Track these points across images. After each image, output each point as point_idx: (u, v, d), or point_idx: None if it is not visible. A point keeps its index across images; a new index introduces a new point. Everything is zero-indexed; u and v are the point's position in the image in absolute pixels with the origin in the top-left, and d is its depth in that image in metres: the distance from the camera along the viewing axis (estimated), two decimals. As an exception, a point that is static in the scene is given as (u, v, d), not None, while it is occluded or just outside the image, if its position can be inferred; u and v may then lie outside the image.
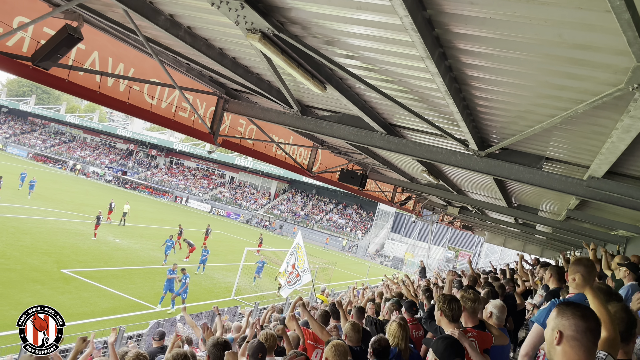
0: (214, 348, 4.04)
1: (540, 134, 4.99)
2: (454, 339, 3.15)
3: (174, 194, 64.04)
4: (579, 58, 3.09)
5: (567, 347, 2.01)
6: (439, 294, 5.19)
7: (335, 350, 3.56)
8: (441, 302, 3.97)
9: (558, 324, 2.06)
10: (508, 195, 11.29)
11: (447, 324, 3.90)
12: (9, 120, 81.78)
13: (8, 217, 24.19)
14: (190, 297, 18.63)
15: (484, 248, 56.01)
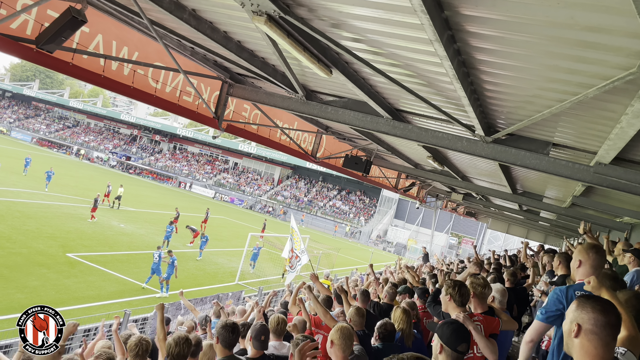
0: (223, 330, 4.06)
1: (547, 119, 4.94)
2: (460, 324, 3.12)
3: (178, 179, 64.18)
4: (591, 41, 3.03)
5: (584, 341, 1.99)
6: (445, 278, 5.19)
7: (341, 333, 3.55)
8: (451, 287, 3.97)
9: (577, 317, 2.04)
10: (513, 181, 11.24)
11: (454, 309, 3.91)
12: (13, 104, 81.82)
13: (13, 202, 24.31)
14: (194, 281, 18.79)
15: (487, 235, 56.10)
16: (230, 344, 4.10)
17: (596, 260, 3.28)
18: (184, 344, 3.98)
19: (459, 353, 2.85)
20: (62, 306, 12.79)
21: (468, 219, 44.86)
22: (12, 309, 11.88)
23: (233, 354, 4.16)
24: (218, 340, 4.05)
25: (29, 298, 12.87)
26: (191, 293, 16.33)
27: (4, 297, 12.47)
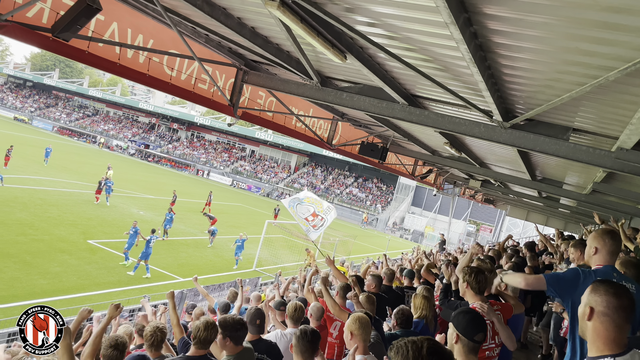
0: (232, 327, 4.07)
1: (567, 104, 4.83)
2: (476, 313, 3.06)
3: (196, 167, 64.70)
4: (612, 22, 2.94)
5: (597, 323, 2.03)
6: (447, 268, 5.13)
7: (360, 324, 3.53)
8: (467, 274, 3.93)
9: (590, 300, 2.08)
10: (532, 167, 11.07)
11: (472, 296, 3.87)
12: (34, 94, 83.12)
13: (35, 190, 24.79)
14: (212, 268, 19.01)
15: (505, 222, 55.52)
16: (239, 339, 4.06)
17: (613, 245, 3.21)
18: (212, 329, 4.01)
19: (476, 343, 2.80)
20: (83, 292, 13.09)
21: (486, 206, 44.44)
22: (36, 294, 12.18)
23: (243, 347, 4.14)
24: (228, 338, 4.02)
25: (51, 284, 13.17)
26: (209, 279, 16.54)
27: (27, 283, 12.78)
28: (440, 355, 1.58)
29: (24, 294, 12.01)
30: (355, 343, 3.48)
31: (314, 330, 3.71)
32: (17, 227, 17.32)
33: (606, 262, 3.20)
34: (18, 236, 16.36)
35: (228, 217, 32.40)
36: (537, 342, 8.61)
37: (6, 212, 19.01)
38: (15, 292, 12.03)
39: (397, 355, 1.60)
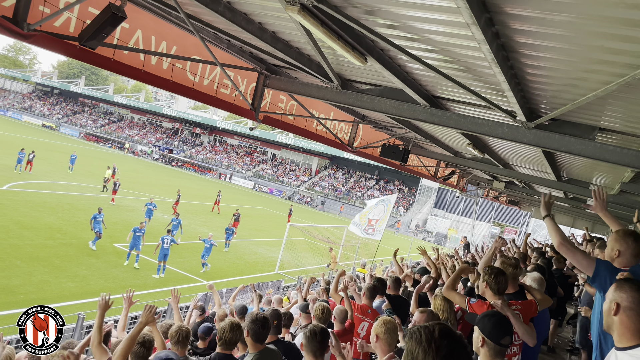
0: (253, 324, 4.04)
1: (593, 103, 4.74)
2: (502, 316, 3.03)
3: (218, 171, 65.36)
4: (637, 19, 2.88)
5: (623, 317, 2.21)
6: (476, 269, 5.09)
7: (385, 327, 3.54)
8: (487, 275, 3.89)
9: (616, 297, 2.27)
10: (558, 168, 10.88)
11: (491, 297, 3.83)
12: (61, 101, 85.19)
13: (63, 195, 25.38)
14: (235, 270, 19.16)
15: (531, 223, 54.52)
16: (262, 338, 4.07)
17: (636, 248, 3.17)
18: (236, 330, 4.05)
19: (502, 346, 2.77)
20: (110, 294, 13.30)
21: (511, 208, 43.75)
22: (64, 297, 12.46)
23: (265, 346, 4.15)
24: (248, 334, 4.04)
25: (79, 287, 13.46)
26: (232, 282, 16.67)
27: (56, 286, 13.08)
28: (451, 337, 1.65)
29: (53, 296, 12.30)
30: (380, 346, 3.48)
31: (323, 329, 3.72)
32: (46, 232, 17.76)
33: (630, 265, 3.16)
34: (47, 240, 16.77)
35: (250, 221, 32.62)
36: (565, 345, 8.45)
37: (35, 217, 19.51)
38: (45, 295, 12.32)
39: (411, 340, 1.68)
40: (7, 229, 16.74)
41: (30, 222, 18.41)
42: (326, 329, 3.74)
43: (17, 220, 18.17)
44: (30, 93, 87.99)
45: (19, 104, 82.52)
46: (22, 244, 15.60)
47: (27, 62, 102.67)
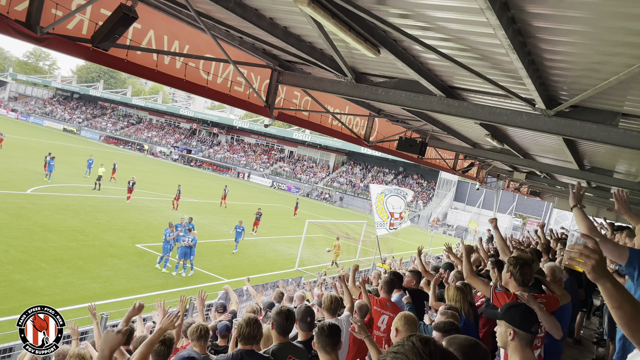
0: (277, 316, 4.09)
1: (615, 88, 4.58)
2: (524, 304, 2.98)
3: (236, 170, 65.77)
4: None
5: None
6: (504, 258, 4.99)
7: (405, 321, 3.53)
8: (512, 265, 3.81)
9: None
10: (580, 157, 10.63)
11: (514, 287, 3.75)
12: (81, 105, 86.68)
13: (85, 197, 25.80)
14: (256, 268, 19.24)
15: (553, 214, 53.68)
16: (285, 330, 4.12)
17: None
18: (254, 325, 4.06)
19: (533, 334, 2.76)
20: (133, 294, 13.50)
21: (532, 199, 43.08)
22: (88, 298, 12.63)
23: (289, 340, 4.18)
24: (273, 327, 4.08)
25: (102, 287, 13.66)
26: (252, 280, 16.71)
27: (80, 287, 13.30)
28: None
29: (78, 297, 12.50)
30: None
31: (332, 325, 3.70)
32: (69, 234, 18.07)
33: None
34: (70, 242, 17.06)
35: (270, 219, 32.74)
36: (592, 338, 8.27)
37: (59, 219, 19.87)
38: (70, 296, 12.54)
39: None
40: (31, 232, 17.08)
41: (54, 225, 18.76)
42: (335, 324, 3.71)
43: (41, 223, 18.52)
44: (51, 98, 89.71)
45: (40, 109, 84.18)
46: (46, 247, 15.91)
47: (47, 67, 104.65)
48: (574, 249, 1.98)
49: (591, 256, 1.92)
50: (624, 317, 1.87)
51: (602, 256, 1.95)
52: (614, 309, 1.90)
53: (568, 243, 2.08)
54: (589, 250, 1.94)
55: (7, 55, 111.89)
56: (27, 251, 15.04)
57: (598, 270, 1.91)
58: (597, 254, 1.93)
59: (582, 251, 1.94)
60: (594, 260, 1.92)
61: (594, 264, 1.91)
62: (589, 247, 1.95)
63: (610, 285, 1.90)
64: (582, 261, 1.94)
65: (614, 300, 1.90)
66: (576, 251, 1.96)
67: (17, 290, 12.08)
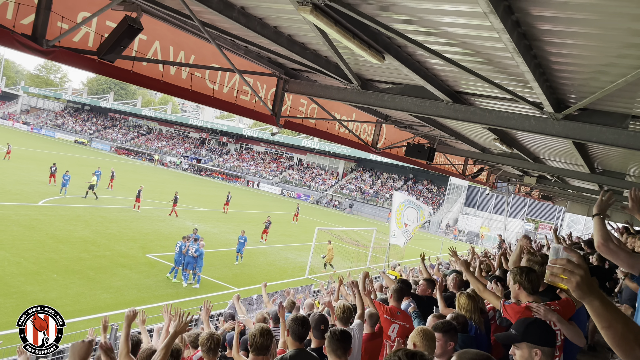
0: (293, 322, 4.08)
1: (624, 90, 4.52)
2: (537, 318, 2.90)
3: (246, 178, 65.95)
4: (669, -4, 2.72)
5: None
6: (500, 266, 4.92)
7: (423, 335, 3.48)
8: (518, 275, 3.74)
9: None
10: (590, 160, 10.51)
11: (526, 297, 3.68)
12: (92, 117, 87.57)
13: (96, 208, 25.98)
14: (265, 276, 19.17)
15: (566, 218, 53.14)
16: (301, 336, 4.10)
17: None
18: (267, 335, 4.05)
19: (554, 347, 2.74)
20: (144, 304, 13.51)
21: (544, 203, 42.72)
22: (99, 308, 12.68)
23: (304, 347, 4.16)
24: (289, 333, 4.07)
25: (113, 297, 13.69)
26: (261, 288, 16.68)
27: (91, 298, 13.34)
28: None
29: (89, 308, 12.54)
30: None
31: (343, 330, 3.69)
32: (81, 245, 18.18)
33: None
34: (81, 253, 17.16)
35: (279, 227, 32.74)
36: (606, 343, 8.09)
37: (70, 230, 20.01)
38: (81, 307, 12.58)
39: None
40: (43, 244, 17.21)
41: (65, 236, 18.89)
42: (347, 330, 3.70)
43: (52, 235, 18.66)
44: (62, 110, 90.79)
45: (52, 122, 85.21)
46: (58, 258, 16.00)
47: (58, 80, 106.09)
48: (556, 264, 1.78)
49: (575, 272, 1.74)
50: (615, 337, 1.71)
51: (588, 271, 1.77)
52: (603, 329, 1.74)
53: (550, 257, 1.89)
54: (573, 265, 1.75)
55: (18, 68, 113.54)
56: (38, 262, 15.14)
57: (583, 287, 1.73)
58: (582, 269, 1.74)
59: (565, 266, 1.75)
60: (578, 276, 1.73)
61: (579, 280, 1.73)
62: (572, 261, 1.76)
63: (598, 303, 1.73)
64: (566, 277, 1.75)
65: (603, 319, 1.73)
66: (559, 266, 1.77)
67: (29, 302, 12.13)
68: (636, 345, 1.69)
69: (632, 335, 1.70)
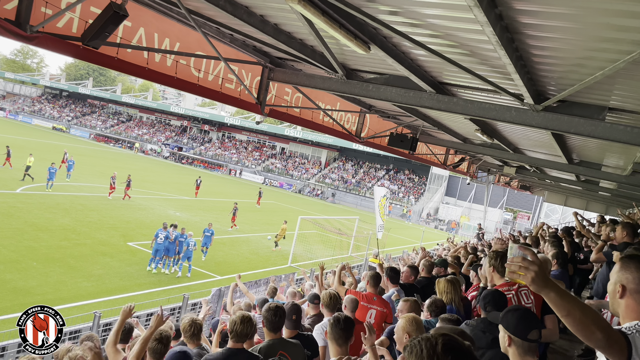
0: (266, 313, 4.12)
1: (602, 83, 4.67)
2: (525, 309, 2.88)
3: (228, 167, 65.60)
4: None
5: (630, 300, 2.01)
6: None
7: (416, 325, 3.55)
8: (493, 259, 3.88)
9: (621, 278, 2.06)
10: (568, 151, 10.76)
11: (499, 279, 3.82)
12: (70, 103, 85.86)
13: (76, 195, 25.65)
14: (248, 265, 19.26)
15: (543, 208, 54.18)
16: (275, 326, 4.14)
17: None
18: (247, 323, 4.10)
19: (531, 342, 2.65)
20: (125, 293, 13.48)
21: (523, 193, 43.49)
22: (80, 296, 12.62)
23: (280, 336, 4.20)
24: (264, 324, 4.11)
25: (95, 286, 13.62)
26: (246, 277, 16.74)
27: (72, 286, 13.25)
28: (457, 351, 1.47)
29: (70, 296, 12.46)
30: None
31: (347, 317, 3.74)
32: (61, 233, 17.98)
33: None
34: (62, 241, 16.97)
35: (262, 215, 32.78)
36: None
37: (49, 218, 19.75)
38: (62, 295, 12.49)
39: (411, 355, 1.50)
40: (22, 232, 16.97)
41: (44, 224, 18.64)
42: (350, 318, 3.75)
43: (31, 223, 18.40)
44: (40, 96, 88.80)
45: (29, 108, 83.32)
46: (37, 246, 15.81)
47: (35, 65, 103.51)
48: (513, 262, 1.96)
49: (530, 268, 1.90)
50: (574, 323, 1.85)
51: (542, 266, 1.93)
52: (563, 317, 1.88)
53: (509, 256, 2.05)
54: (528, 262, 1.92)
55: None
56: (17, 250, 14.95)
57: (538, 282, 1.90)
58: (536, 265, 1.91)
59: (521, 264, 1.93)
60: (533, 271, 1.90)
61: (534, 275, 1.90)
62: (527, 258, 1.94)
63: (554, 294, 1.88)
64: (523, 274, 1.92)
65: (561, 308, 1.87)
66: (516, 264, 1.94)
67: (8, 290, 12.02)
68: (595, 329, 1.82)
69: (590, 320, 1.83)
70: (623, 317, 2.04)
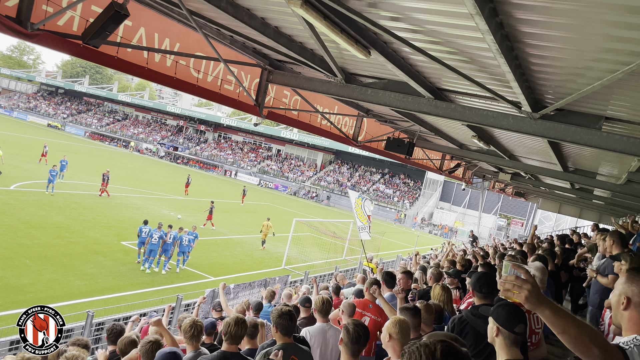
0: (280, 319, 4.11)
1: (599, 92, 4.71)
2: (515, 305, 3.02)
3: (224, 167, 65.49)
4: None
5: (633, 313, 2.02)
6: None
7: (400, 328, 3.53)
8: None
9: (626, 290, 2.07)
10: (564, 159, 10.82)
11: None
12: (66, 100, 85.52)
13: (70, 194, 25.52)
14: (242, 266, 19.22)
15: (537, 215, 54.38)
16: (289, 330, 4.15)
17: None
18: (241, 325, 4.09)
19: (517, 334, 2.77)
20: (118, 292, 13.42)
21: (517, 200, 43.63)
22: (73, 295, 12.55)
23: (293, 340, 4.21)
24: (277, 329, 4.11)
25: (88, 285, 13.55)
26: (239, 278, 16.74)
27: (65, 285, 13.18)
28: (455, 357, 1.50)
29: (62, 295, 12.39)
30: (393, 346, 3.48)
31: (361, 324, 3.71)
32: (54, 231, 17.88)
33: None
34: (55, 239, 16.88)
35: (257, 217, 32.70)
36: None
37: (43, 216, 19.64)
38: (54, 293, 12.42)
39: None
40: (15, 229, 16.86)
41: (38, 222, 18.54)
42: (364, 324, 3.73)
43: (25, 220, 18.30)
44: (35, 93, 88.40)
45: (24, 104, 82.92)
46: (30, 243, 15.72)
47: (31, 62, 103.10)
48: (507, 280, 1.96)
49: (524, 287, 1.91)
50: (571, 340, 1.84)
51: (535, 284, 1.93)
52: (559, 334, 1.87)
53: (502, 275, 2.06)
54: (521, 280, 1.92)
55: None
56: (10, 248, 14.85)
57: (532, 300, 1.90)
58: (529, 283, 1.91)
59: (514, 282, 1.93)
60: (526, 290, 1.90)
61: (527, 294, 1.90)
62: (520, 277, 1.94)
63: (549, 312, 1.88)
64: (517, 292, 1.93)
65: (556, 326, 1.87)
66: (510, 282, 1.94)
67: (0, 288, 11.94)
68: (592, 345, 1.83)
69: (587, 337, 1.84)
70: (625, 328, 2.06)
